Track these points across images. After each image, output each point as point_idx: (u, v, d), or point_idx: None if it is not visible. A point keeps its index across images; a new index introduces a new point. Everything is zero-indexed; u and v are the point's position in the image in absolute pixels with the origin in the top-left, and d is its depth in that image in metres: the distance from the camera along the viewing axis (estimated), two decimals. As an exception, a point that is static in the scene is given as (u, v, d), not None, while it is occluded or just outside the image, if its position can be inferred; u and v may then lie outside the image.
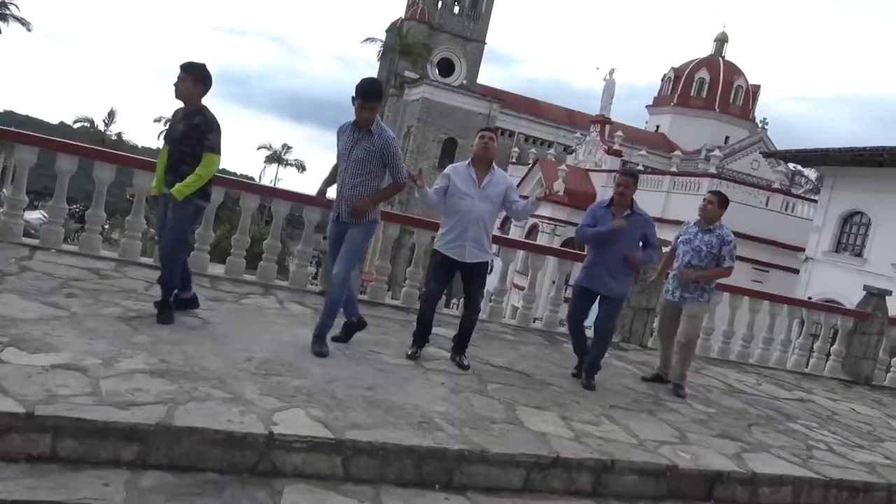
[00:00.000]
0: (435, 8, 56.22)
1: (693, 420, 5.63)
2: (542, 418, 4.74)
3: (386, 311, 7.29)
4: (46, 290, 5.16)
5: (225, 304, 5.97)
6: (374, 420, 3.96)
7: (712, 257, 6.33)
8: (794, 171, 46.69)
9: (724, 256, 6.33)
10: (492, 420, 4.44)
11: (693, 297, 6.43)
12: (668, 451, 4.63)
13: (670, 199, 31.04)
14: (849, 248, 23.28)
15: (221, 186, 7.17)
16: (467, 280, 5.73)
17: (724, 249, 6.31)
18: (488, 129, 5.83)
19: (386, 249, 8.17)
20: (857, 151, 21.31)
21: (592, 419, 4.98)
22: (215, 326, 5.18)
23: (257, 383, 4.14)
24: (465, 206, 5.48)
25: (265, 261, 7.25)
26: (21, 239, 6.56)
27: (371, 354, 5.38)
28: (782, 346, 9.45)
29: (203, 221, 7.12)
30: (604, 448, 4.38)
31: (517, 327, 8.04)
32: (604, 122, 42.42)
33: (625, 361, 7.44)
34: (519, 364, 6.22)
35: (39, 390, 3.38)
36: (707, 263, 6.33)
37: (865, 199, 22.18)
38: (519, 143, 54.67)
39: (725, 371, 8.28)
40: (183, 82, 4.86)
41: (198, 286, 6.40)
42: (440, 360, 5.70)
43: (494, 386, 5.28)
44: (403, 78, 55.02)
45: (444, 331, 6.71)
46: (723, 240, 6.34)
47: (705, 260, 6.32)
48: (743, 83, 56.16)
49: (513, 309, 26.23)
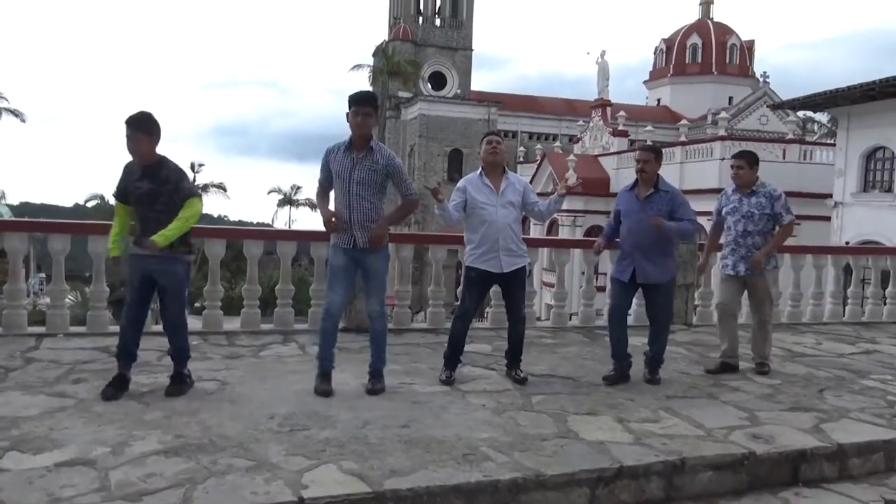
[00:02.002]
0: (417, 25, 56.24)
1: (759, 396, 5.19)
2: (597, 425, 4.34)
3: (413, 336, 6.94)
4: (52, 380, 4.87)
5: (243, 361, 5.66)
6: (413, 462, 3.59)
7: (766, 219, 5.86)
8: (805, 119, 45.82)
9: (780, 213, 5.86)
10: (542, 437, 4.04)
11: (759, 268, 5.92)
12: (740, 438, 4.21)
13: (685, 169, 30.49)
14: (877, 186, 22.64)
15: (222, 238, 6.91)
16: (508, 290, 5.44)
17: (776, 206, 5.85)
18: (494, 133, 5.49)
19: (404, 272, 7.82)
20: (867, 87, 20.67)
21: (650, 416, 4.56)
22: (233, 387, 4.86)
23: (282, 443, 3.79)
24: (488, 216, 5.18)
25: (280, 306, 6.95)
26: (27, 329, 6.30)
27: (403, 387, 5.02)
28: (833, 299, 8.94)
29: (210, 277, 6.85)
30: (670, 447, 3.97)
31: (553, 328, 7.65)
32: (604, 105, 41.88)
33: (673, 345, 6.96)
34: (562, 368, 5.82)
35: (41, 497, 3.05)
36: (763, 226, 5.85)
37: (885, 132, 21.54)
38: (523, 141, 54.23)
39: (779, 335, 7.76)
40: (136, 142, 4.48)
41: (213, 345, 6.17)
42: (477, 379, 5.32)
43: (539, 397, 4.88)
44: (398, 99, 54.96)
45: (476, 346, 6.38)
46: (771, 196, 5.87)
47: (760, 223, 5.85)
48: (736, 41, 55.35)
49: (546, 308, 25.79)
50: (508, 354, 5.48)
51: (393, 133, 56.36)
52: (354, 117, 4.70)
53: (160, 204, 4.53)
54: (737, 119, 47.41)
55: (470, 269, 5.31)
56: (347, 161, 4.76)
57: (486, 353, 6.23)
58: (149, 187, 4.53)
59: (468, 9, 57.28)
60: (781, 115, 44.11)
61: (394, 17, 58.54)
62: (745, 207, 5.87)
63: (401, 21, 55.95)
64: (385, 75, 50.13)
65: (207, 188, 60.59)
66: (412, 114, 54.42)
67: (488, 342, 6.68)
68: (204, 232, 6.95)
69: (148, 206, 4.57)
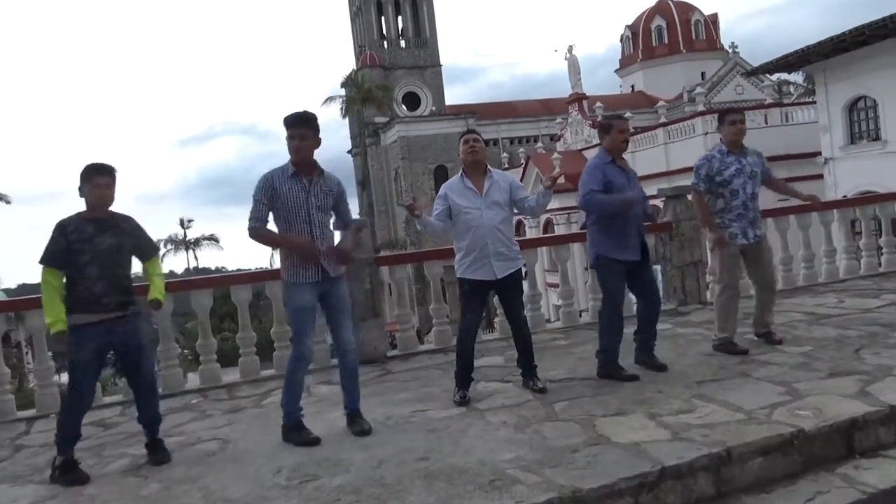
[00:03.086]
0: (383, 49, 56.28)
1: (793, 367, 4.87)
2: (629, 425, 4.01)
3: (421, 358, 6.61)
4: (42, 466, 4.51)
5: (245, 413, 5.32)
6: (437, 498, 3.27)
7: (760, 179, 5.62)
8: (780, 83, 45.73)
9: (769, 170, 5.65)
10: (572, 448, 3.72)
11: (763, 231, 5.73)
12: (784, 416, 3.89)
13: (669, 150, 30.30)
14: (864, 136, 22.40)
15: (206, 288, 6.60)
16: (505, 296, 5.15)
17: (765, 163, 5.61)
18: (471, 132, 5.14)
19: (401, 295, 7.51)
20: (838, 39, 20.46)
21: (684, 406, 4.24)
22: (236, 444, 4.52)
23: (292, 497, 3.46)
24: (473, 220, 4.83)
25: (279, 350, 6.61)
26: (16, 414, 5.96)
27: (416, 416, 4.68)
28: (847, 254, 8.62)
29: (200, 331, 6.53)
30: (711, 438, 3.65)
31: (565, 329, 7.32)
32: (580, 99, 41.78)
33: (691, 326, 6.69)
34: (581, 369, 5.49)
35: None
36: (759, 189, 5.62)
37: (863, 81, 21.33)
38: (505, 147, 54.09)
39: (798, 300, 7.48)
40: (109, 188, 4.24)
41: (214, 401, 5.84)
42: (493, 395, 4.99)
43: (562, 404, 4.56)
44: (375, 125, 54.89)
45: (488, 360, 6.06)
46: (758, 153, 5.62)
47: (759, 185, 5.58)
48: (700, 17, 55.55)
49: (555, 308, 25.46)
50: (521, 363, 5.15)
51: (375, 159, 56.23)
52: (291, 141, 4.31)
53: (123, 258, 4.22)
54: (712, 93, 47.27)
55: (463, 281, 4.95)
56: (299, 188, 4.34)
57: (500, 366, 5.90)
58: (111, 242, 4.21)
59: (430, 26, 57.37)
60: (756, 83, 44.15)
61: (358, 45, 58.61)
62: (748, 168, 5.52)
63: (366, 48, 55.98)
64: (358, 104, 50.05)
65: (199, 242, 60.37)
66: (391, 137, 54.33)
67: (500, 353, 6.35)
68: (187, 284, 6.65)
69: (112, 263, 4.22)
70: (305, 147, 4.32)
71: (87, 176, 4.21)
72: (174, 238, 57.78)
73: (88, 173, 4.22)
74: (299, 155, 4.33)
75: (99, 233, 4.20)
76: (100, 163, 4.23)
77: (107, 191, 4.24)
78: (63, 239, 4.12)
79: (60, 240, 4.12)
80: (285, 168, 4.38)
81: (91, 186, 4.20)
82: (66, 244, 4.11)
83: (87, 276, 4.15)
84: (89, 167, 4.24)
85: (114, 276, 4.23)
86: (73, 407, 4.29)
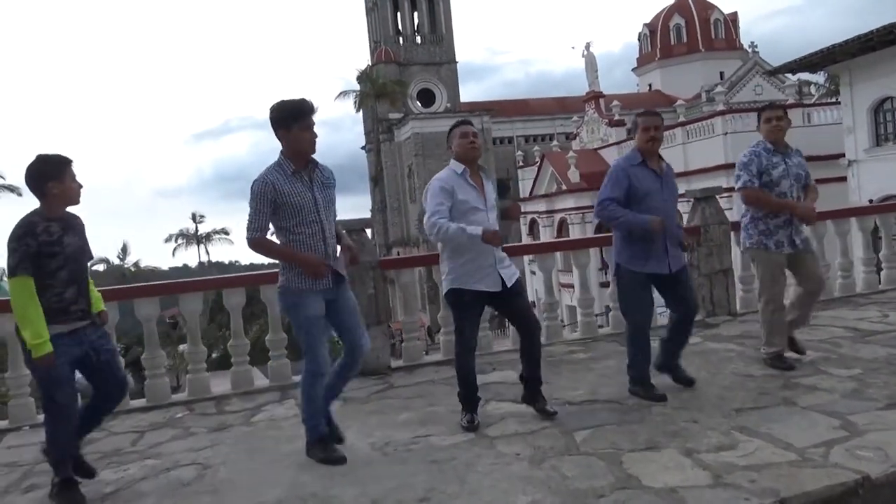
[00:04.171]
0: (398, 45, 55.89)
1: (844, 395, 4.32)
2: (661, 463, 3.48)
3: (426, 371, 6.09)
4: (3, 488, 4.07)
5: (231, 432, 4.82)
6: (437, 555, 2.76)
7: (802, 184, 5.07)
8: (801, 83, 44.84)
9: (809, 174, 5.12)
10: (598, 493, 3.19)
11: (806, 236, 5.23)
12: (843, 456, 3.35)
13: (688, 150, 29.68)
14: (889, 138, 21.72)
15: (196, 291, 6.12)
16: (513, 304, 4.44)
17: (805, 163, 5.09)
18: (466, 122, 4.50)
19: (408, 301, 7.01)
20: (864, 38, 19.77)
21: (724, 441, 3.70)
22: (216, 471, 4.02)
23: (269, 547, 2.97)
24: (480, 223, 4.19)
25: (274, 359, 6.12)
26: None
27: (417, 441, 4.17)
28: (888, 262, 8.02)
29: (189, 337, 6.06)
30: (760, 484, 3.11)
31: (583, 340, 6.77)
32: (597, 98, 41.11)
33: (721, 340, 6.14)
34: (603, 390, 4.95)
35: None
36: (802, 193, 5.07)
37: (889, 82, 20.60)
38: (520, 145, 53.50)
39: (837, 312, 6.91)
40: (75, 180, 3.77)
41: (199, 415, 5.37)
42: (506, 418, 4.45)
43: (584, 433, 4.02)
44: (389, 121, 54.46)
45: (499, 375, 5.57)
46: (801, 155, 5.13)
47: (802, 189, 5.04)
48: (719, 16, 54.74)
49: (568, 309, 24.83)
50: (527, 380, 4.49)
51: (389, 155, 55.82)
52: (304, 132, 3.82)
53: (87, 260, 3.77)
54: (731, 93, 46.46)
55: (461, 292, 4.31)
56: (302, 185, 3.86)
57: (513, 382, 5.25)
58: (77, 243, 3.75)
59: (446, 22, 56.90)
60: (776, 83, 43.34)
61: (374, 41, 58.20)
62: (793, 169, 4.99)
63: (381, 44, 55.55)
64: (372, 99, 49.65)
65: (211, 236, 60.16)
66: (405, 134, 53.87)
67: (512, 367, 5.71)
68: (175, 287, 6.18)
69: (80, 265, 3.78)
70: (290, 145, 3.87)
71: (59, 169, 3.72)
72: (185, 232, 57.62)
73: (60, 167, 3.73)
74: (314, 149, 3.89)
75: (66, 233, 3.72)
76: (59, 154, 3.73)
77: (76, 185, 3.78)
78: (34, 241, 3.59)
79: (32, 243, 3.58)
80: (283, 166, 3.88)
81: (68, 181, 3.72)
82: (37, 247, 3.60)
83: (58, 281, 3.68)
84: (59, 159, 3.75)
85: (82, 280, 3.79)
86: (58, 423, 3.80)
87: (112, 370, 3.93)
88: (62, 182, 3.69)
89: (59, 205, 3.74)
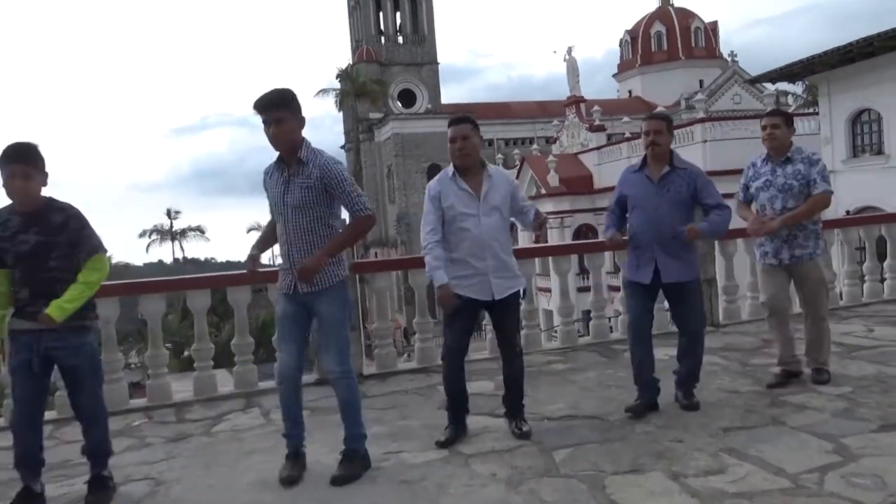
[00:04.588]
0: (380, 45, 55.55)
1: (835, 414, 4.14)
2: (647, 488, 3.27)
3: (400, 380, 5.83)
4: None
5: (190, 442, 4.54)
6: (404, 591, 2.52)
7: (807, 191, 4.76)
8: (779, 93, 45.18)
9: (815, 179, 4.70)
10: (579, 521, 2.97)
11: (807, 251, 4.80)
12: (839, 484, 3.16)
13: (668, 157, 29.61)
14: (867, 150, 21.83)
15: (159, 292, 5.83)
16: (499, 318, 4.25)
17: (812, 171, 4.72)
18: (461, 122, 4.20)
19: (382, 306, 6.75)
20: (844, 50, 19.86)
21: (712, 464, 3.50)
22: (169, 487, 3.74)
23: (220, 579, 2.70)
24: (470, 228, 4.01)
25: (240, 364, 5.83)
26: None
27: (388, 458, 3.92)
28: (870, 275, 7.91)
29: (151, 340, 5.76)
30: (753, 514, 2.91)
31: (563, 349, 6.55)
32: (577, 102, 41.08)
33: (706, 353, 5.92)
34: (583, 404, 4.74)
35: None
36: (804, 201, 4.74)
37: (868, 94, 20.72)
38: (500, 148, 53.36)
39: (821, 326, 6.75)
40: (24, 178, 3.42)
41: (158, 423, 5.09)
42: (481, 434, 4.21)
43: (563, 452, 3.80)
44: (370, 121, 54.10)
45: (475, 385, 5.23)
46: (810, 161, 4.80)
47: (801, 197, 4.76)
48: (700, 24, 55.06)
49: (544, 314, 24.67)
50: (507, 399, 4.30)
51: (368, 155, 55.42)
52: (266, 128, 3.59)
53: (54, 259, 3.43)
54: (710, 101, 46.68)
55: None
56: (280, 182, 3.66)
57: (489, 393, 5.07)
58: (36, 240, 3.42)
59: (429, 23, 56.64)
60: (755, 93, 43.64)
61: (355, 39, 57.80)
62: (780, 179, 4.78)
63: (363, 43, 55.16)
64: (352, 98, 49.25)
65: (185, 233, 59.41)
66: (385, 134, 53.57)
67: (489, 377, 5.51)
68: (137, 287, 5.87)
69: (37, 265, 3.45)
70: (285, 132, 3.59)
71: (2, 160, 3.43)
72: (159, 228, 56.87)
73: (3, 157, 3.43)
74: (279, 143, 3.63)
75: (24, 229, 3.43)
76: (16, 146, 3.41)
77: (22, 182, 3.43)
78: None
79: None
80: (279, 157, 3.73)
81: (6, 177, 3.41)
82: None
83: (13, 278, 3.47)
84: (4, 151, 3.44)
85: (40, 280, 3.46)
86: (16, 427, 3.56)
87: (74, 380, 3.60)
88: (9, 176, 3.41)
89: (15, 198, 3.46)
